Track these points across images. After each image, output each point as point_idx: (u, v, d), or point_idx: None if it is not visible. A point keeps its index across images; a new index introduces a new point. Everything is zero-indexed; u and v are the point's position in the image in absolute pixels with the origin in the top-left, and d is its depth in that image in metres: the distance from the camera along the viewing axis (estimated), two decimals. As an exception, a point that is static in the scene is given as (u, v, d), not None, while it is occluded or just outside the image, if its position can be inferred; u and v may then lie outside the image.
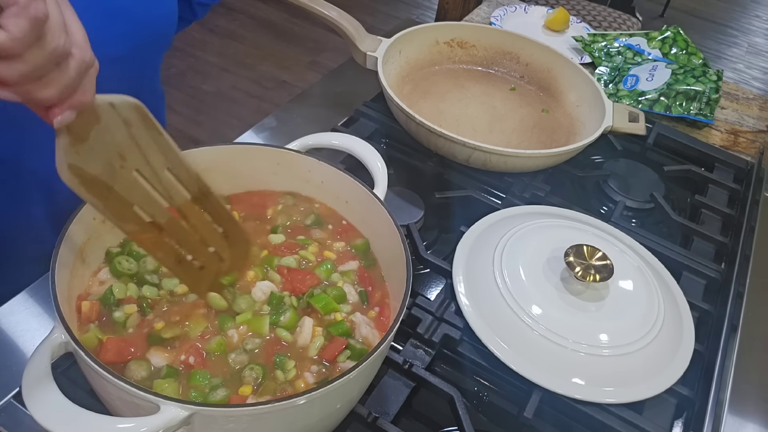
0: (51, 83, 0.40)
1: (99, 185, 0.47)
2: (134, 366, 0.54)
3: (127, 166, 0.47)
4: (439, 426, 0.66)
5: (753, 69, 3.71)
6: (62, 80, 0.40)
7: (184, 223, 0.53)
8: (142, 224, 0.50)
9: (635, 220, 0.95)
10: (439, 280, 0.80)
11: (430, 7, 3.66)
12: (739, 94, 1.31)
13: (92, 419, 0.44)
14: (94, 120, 0.44)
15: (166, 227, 0.52)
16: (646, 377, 0.68)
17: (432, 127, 0.88)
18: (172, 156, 0.50)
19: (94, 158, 0.45)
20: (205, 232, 0.54)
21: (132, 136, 0.47)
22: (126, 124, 0.46)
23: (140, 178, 0.49)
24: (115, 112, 0.45)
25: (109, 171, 0.47)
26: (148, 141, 0.48)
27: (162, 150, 0.49)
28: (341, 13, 1.01)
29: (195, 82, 2.80)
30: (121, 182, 0.48)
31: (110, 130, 0.46)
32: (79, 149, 0.44)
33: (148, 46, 0.74)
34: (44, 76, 0.39)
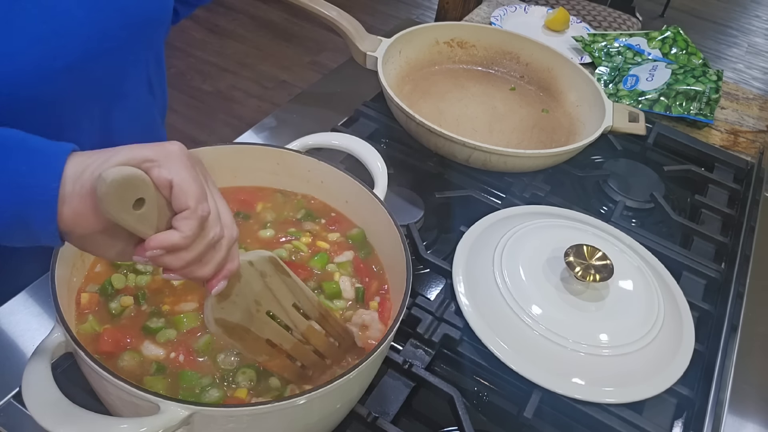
0: (208, 263, 0.46)
1: (239, 330, 0.52)
2: (128, 357, 0.55)
3: (262, 310, 0.53)
4: (439, 426, 0.66)
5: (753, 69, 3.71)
6: (216, 259, 0.46)
7: (307, 345, 0.57)
8: (272, 354, 0.55)
9: (635, 220, 0.95)
10: (439, 280, 0.80)
11: (430, 7, 3.66)
12: (739, 94, 1.31)
13: (92, 419, 0.44)
14: (237, 279, 0.50)
15: (292, 351, 0.56)
16: (646, 377, 0.68)
17: (432, 127, 0.88)
18: (298, 292, 0.55)
19: (235, 309, 0.51)
20: (323, 349, 0.58)
21: (266, 285, 0.52)
22: (262, 276, 0.52)
23: (272, 318, 0.54)
24: (254, 268, 0.51)
25: (247, 317, 0.52)
26: (279, 285, 0.53)
27: (290, 290, 0.54)
28: (341, 13, 1.01)
29: (195, 82, 2.80)
30: (257, 324, 0.53)
31: (250, 283, 0.51)
32: (224, 305, 0.50)
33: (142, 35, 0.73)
34: (203, 259, 0.46)
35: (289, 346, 0.55)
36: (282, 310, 0.54)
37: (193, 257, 0.44)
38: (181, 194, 0.42)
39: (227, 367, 0.56)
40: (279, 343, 0.54)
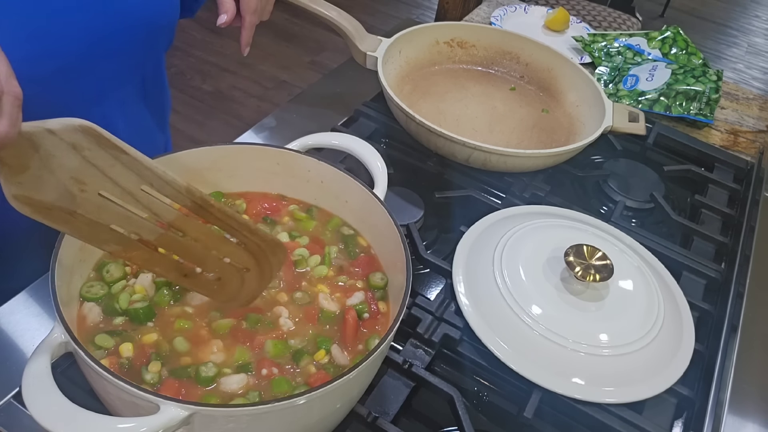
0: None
1: (58, 211, 0.45)
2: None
3: (89, 190, 0.45)
4: (439, 426, 0.66)
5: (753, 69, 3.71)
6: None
7: (182, 236, 0.50)
8: (126, 243, 0.48)
9: (635, 220, 0.95)
10: (439, 280, 0.80)
11: (430, 7, 3.66)
12: (739, 94, 1.31)
13: (92, 419, 0.44)
14: (31, 149, 0.42)
15: (159, 243, 0.49)
16: (646, 377, 0.68)
17: (432, 127, 0.88)
18: (146, 173, 0.46)
19: (43, 186, 0.43)
20: (213, 243, 0.52)
21: (86, 159, 0.44)
22: (75, 149, 0.43)
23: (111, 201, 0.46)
24: (57, 137, 0.43)
25: (66, 197, 0.45)
26: (109, 162, 0.45)
27: (131, 168, 0.46)
28: (341, 13, 1.01)
29: (195, 82, 2.80)
30: (84, 206, 0.46)
31: (56, 156, 0.43)
32: (22, 179, 0.43)
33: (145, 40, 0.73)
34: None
35: (152, 236, 0.48)
36: (124, 192, 0.46)
37: None
38: None
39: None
40: (133, 231, 0.48)
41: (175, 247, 0.50)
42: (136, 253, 0.49)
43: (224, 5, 0.77)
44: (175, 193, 0.48)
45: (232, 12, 0.77)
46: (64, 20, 0.62)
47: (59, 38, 0.62)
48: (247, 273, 0.54)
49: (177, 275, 0.51)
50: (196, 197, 0.49)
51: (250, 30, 0.81)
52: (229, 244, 0.52)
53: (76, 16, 0.63)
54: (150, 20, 0.72)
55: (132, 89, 0.76)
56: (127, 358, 0.55)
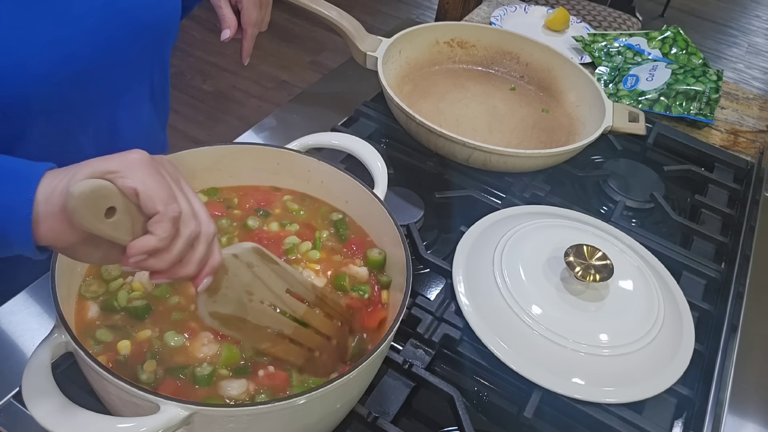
0: (190, 262, 0.47)
1: (235, 320, 0.53)
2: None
3: (255, 299, 0.54)
4: (439, 426, 0.66)
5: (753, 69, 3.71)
6: (197, 256, 0.47)
7: (308, 328, 0.58)
8: (273, 340, 0.56)
9: (635, 220, 0.95)
10: (439, 280, 0.80)
11: (430, 7, 3.66)
12: (739, 94, 1.31)
13: (92, 419, 0.44)
14: (224, 272, 0.51)
15: (294, 336, 0.57)
16: (646, 377, 0.68)
17: (432, 127, 0.88)
18: (289, 278, 0.56)
19: (227, 301, 0.52)
20: (325, 330, 0.59)
21: (255, 275, 0.53)
22: (249, 266, 0.53)
23: (267, 306, 0.55)
24: (239, 260, 0.52)
25: (241, 307, 0.53)
26: (268, 273, 0.54)
27: (280, 276, 0.55)
28: (341, 13, 1.01)
29: (195, 82, 2.80)
30: (252, 313, 0.54)
31: (237, 275, 0.52)
32: (216, 298, 0.51)
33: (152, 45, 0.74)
34: (184, 258, 0.47)
35: (290, 331, 0.56)
36: (276, 297, 0.55)
37: (175, 257, 0.46)
38: (148, 200, 0.44)
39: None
40: (279, 330, 0.55)
41: (305, 337, 0.57)
42: (280, 347, 0.56)
43: (226, 20, 0.81)
44: (304, 291, 0.57)
45: (234, 26, 0.82)
46: (79, 26, 0.63)
47: (75, 44, 0.63)
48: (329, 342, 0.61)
49: (304, 361, 0.58)
50: (317, 292, 0.58)
51: (251, 41, 0.86)
52: (336, 328, 0.60)
53: (90, 23, 0.64)
54: (158, 24, 0.73)
55: (141, 92, 0.77)
56: (124, 356, 0.55)
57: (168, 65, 0.83)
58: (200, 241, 0.47)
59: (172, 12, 0.76)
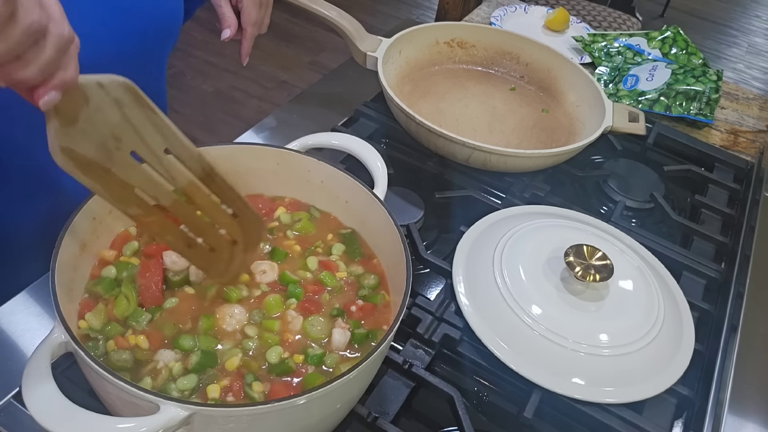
0: (30, 62, 0.39)
1: (95, 168, 0.46)
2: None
3: (123, 148, 0.46)
4: (439, 426, 0.66)
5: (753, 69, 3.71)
6: (41, 58, 0.39)
7: (191, 204, 0.52)
8: (145, 207, 0.50)
9: (635, 220, 0.95)
10: (439, 280, 0.80)
11: (430, 7, 3.66)
12: (739, 94, 1.31)
13: (92, 419, 0.44)
14: (83, 101, 0.43)
15: (172, 209, 0.51)
16: (646, 377, 0.68)
17: (432, 127, 0.88)
18: (171, 136, 0.49)
19: (88, 140, 0.45)
20: (213, 213, 0.54)
21: (125, 117, 0.46)
22: (118, 105, 0.45)
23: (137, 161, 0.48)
24: (105, 91, 0.44)
25: (104, 153, 0.46)
26: (142, 121, 0.47)
27: (158, 130, 0.48)
28: (341, 13, 1.01)
29: (195, 82, 2.80)
30: (118, 164, 0.47)
31: (101, 110, 0.44)
32: (70, 131, 0.44)
33: (154, 43, 0.74)
34: (23, 55, 0.38)
35: (168, 201, 0.50)
36: (151, 154, 0.48)
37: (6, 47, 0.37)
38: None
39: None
40: (153, 195, 0.49)
41: (184, 214, 0.52)
42: (153, 218, 0.50)
43: (227, 20, 0.80)
44: (189, 158, 0.50)
45: (234, 26, 0.82)
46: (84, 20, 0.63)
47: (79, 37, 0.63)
48: (235, 246, 0.57)
49: (183, 245, 0.53)
50: (205, 164, 0.51)
51: (250, 41, 0.85)
52: (226, 216, 0.55)
53: (95, 17, 0.64)
54: (160, 22, 0.73)
55: None
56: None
57: (165, 68, 0.84)
58: (48, 40, 0.39)
59: (175, 11, 0.76)
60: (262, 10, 0.85)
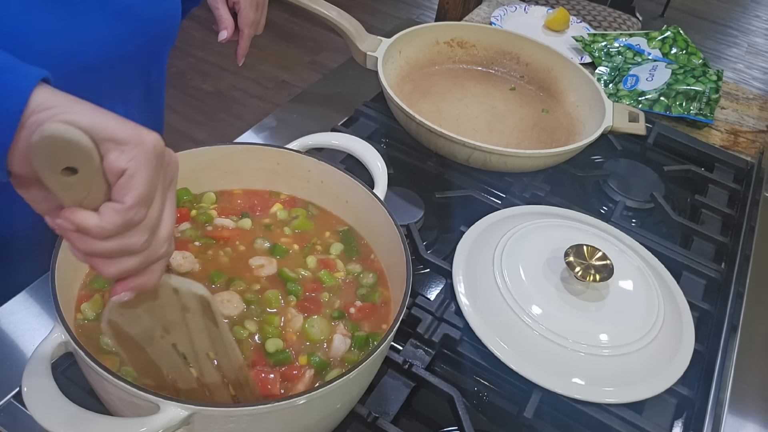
0: (113, 265, 0.41)
1: (132, 344, 0.48)
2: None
3: (168, 339, 0.48)
4: (439, 426, 0.66)
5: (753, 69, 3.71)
6: (126, 265, 0.41)
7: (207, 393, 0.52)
8: (162, 386, 0.51)
9: (635, 220, 0.95)
10: (439, 280, 0.80)
11: (430, 7, 3.66)
12: (739, 94, 1.31)
13: (92, 419, 0.44)
14: (151, 297, 0.45)
15: (185, 394, 0.52)
16: (646, 377, 0.68)
17: (432, 127, 0.88)
18: (220, 347, 0.50)
19: (137, 323, 0.46)
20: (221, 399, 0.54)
21: (185, 320, 0.48)
22: (183, 309, 0.47)
23: (176, 352, 0.49)
24: (177, 297, 0.46)
25: (148, 337, 0.48)
26: (200, 327, 0.48)
27: (211, 339, 0.49)
28: (341, 12, 1.01)
29: (195, 82, 2.80)
30: (155, 348, 0.49)
31: (164, 308, 0.46)
32: (126, 312, 0.45)
33: (154, 44, 0.75)
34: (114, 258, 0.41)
35: (186, 386, 0.51)
36: (192, 352, 0.49)
37: (102, 251, 0.40)
38: (125, 186, 0.38)
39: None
40: (173, 380, 0.51)
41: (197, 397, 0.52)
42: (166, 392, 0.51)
43: (224, 21, 0.81)
44: (229, 368, 0.51)
45: (231, 27, 0.83)
46: (87, 20, 0.63)
47: (81, 38, 0.63)
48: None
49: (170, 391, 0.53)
50: (241, 376, 0.52)
51: (247, 41, 0.86)
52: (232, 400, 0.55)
53: (98, 17, 0.64)
54: (160, 22, 0.73)
55: (138, 90, 0.77)
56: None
57: (165, 68, 0.84)
58: (140, 255, 0.41)
59: (173, 11, 0.76)
60: (259, 11, 0.85)
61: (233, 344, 0.50)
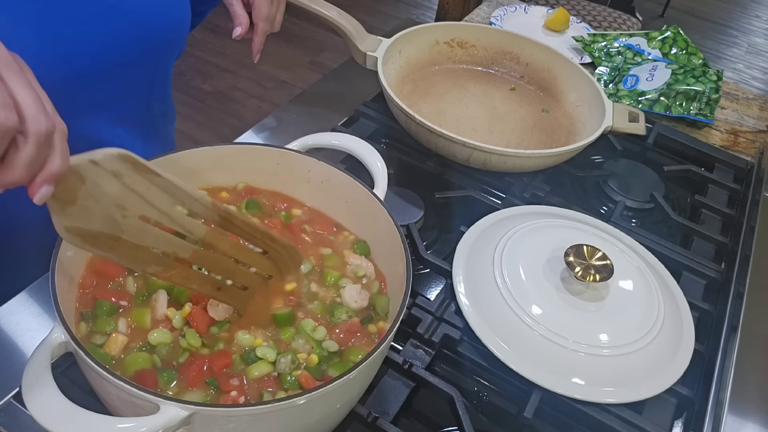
0: (13, 164, 0.39)
1: (104, 238, 0.46)
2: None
3: (130, 215, 0.47)
4: (439, 426, 0.66)
5: (753, 69, 3.71)
6: (23, 158, 0.39)
7: (212, 251, 0.52)
8: (164, 263, 0.50)
9: (635, 220, 0.95)
10: (439, 280, 0.80)
11: (430, 7, 3.66)
12: (739, 94, 1.31)
13: (92, 419, 0.44)
14: (79, 181, 0.43)
15: (193, 260, 0.51)
16: (646, 377, 0.68)
17: (432, 127, 0.88)
18: (179, 193, 0.48)
19: (91, 216, 0.45)
20: (240, 254, 0.54)
21: (126, 186, 0.46)
22: (116, 176, 0.45)
23: (149, 223, 0.48)
24: (100, 167, 0.44)
25: (111, 223, 0.46)
26: (146, 186, 0.47)
27: (165, 189, 0.48)
28: (341, 13, 1.01)
29: (195, 82, 2.80)
30: (127, 231, 0.47)
31: (100, 185, 0.45)
32: (72, 211, 0.44)
33: (159, 50, 0.74)
34: (3, 159, 0.39)
35: (187, 254, 0.50)
36: (161, 214, 0.48)
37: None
38: None
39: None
40: (171, 251, 0.49)
41: (208, 262, 0.52)
42: (175, 272, 0.51)
43: (238, 17, 0.80)
44: (203, 209, 0.50)
45: (246, 23, 0.82)
46: (80, 27, 0.62)
47: (75, 44, 0.62)
48: (270, 280, 0.57)
49: (211, 289, 0.53)
50: (221, 211, 0.51)
51: (262, 37, 0.84)
52: (254, 254, 0.55)
53: (96, 24, 0.63)
54: (163, 32, 0.72)
55: (139, 99, 0.77)
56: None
57: (170, 74, 0.83)
58: (26, 139, 0.39)
59: (180, 23, 0.75)
60: (274, 6, 0.84)
61: (188, 187, 0.48)
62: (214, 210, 0.50)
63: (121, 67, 0.69)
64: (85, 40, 0.63)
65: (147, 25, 0.69)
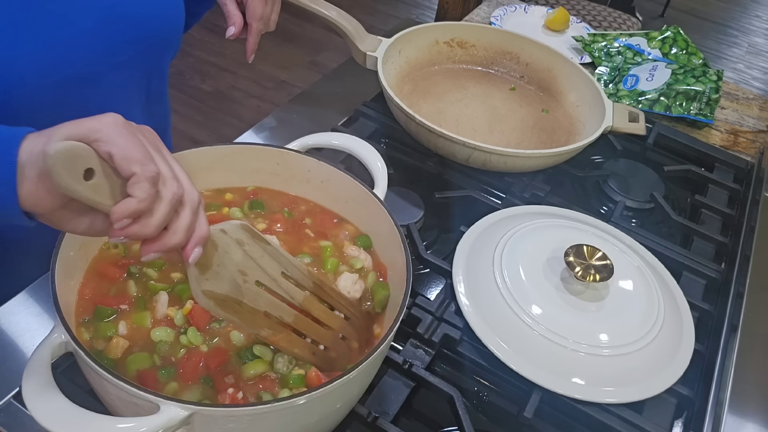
0: (176, 229, 0.46)
1: (230, 302, 0.51)
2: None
3: (249, 280, 0.52)
4: (439, 426, 0.66)
5: (753, 69, 3.71)
6: (183, 222, 0.46)
7: (308, 317, 0.56)
8: (274, 327, 0.54)
9: (635, 220, 0.95)
10: (439, 280, 0.80)
11: (430, 7, 3.66)
12: (739, 94, 1.31)
13: (92, 419, 0.44)
14: (213, 248, 0.50)
15: (295, 324, 0.55)
16: (646, 377, 0.68)
17: (432, 127, 0.88)
18: (283, 260, 0.54)
19: (221, 280, 0.50)
20: (328, 320, 0.58)
21: (246, 253, 0.52)
22: (239, 244, 0.51)
23: (262, 288, 0.53)
24: (228, 236, 0.51)
25: (235, 288, 0.51)
26: (260, 253, 0.53)
27: (273, 257, 0.54)
28: (341, 12, 1.01)
29: (195, 82, 2.80)
30: (248, 295, 0.52)
31: (228, 252, 0.51)
32: (208, 276, 0.50)
33: (154, 51, 0.74)
34: (170, 226, 0.46)
35: (291, 318, 0.55)
36: (271, 280, 0.53)
37: (159, 221, 0.44)
38: (123, 161, 0.43)
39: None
40: (278, 316, 0.54)
41: (306, 326, 0.56)
42: (282, 335, 0.55)
43: (232, 17, 0.80)
44: (300, 276, 0.56)
45: (240, 23, 0.82)
46: (77, 29, 0.62)
47: (69, 47, 0.62)
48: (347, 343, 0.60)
49: (309, 354, 0.56)
50: (314, 277, 0.57)
51: (256, 36, 0.84)
52: (341, 321, 0.59)
53: (89, 26, 0.63)
54: (158, 33, 0.72)
55: (136, 101, 0.76)
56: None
57: (166, 74, 0.83)
58: (185, 206, 0.46)
59: (174, 23, 0.75)
60: (269, 6, 0.83)
61: (289, 255, 0.55)
62: (309, 276, 0.56)
63: (115, 68, 0.69)
64: (78, 43, 0.63)
65: (141, 27, 0.69)
